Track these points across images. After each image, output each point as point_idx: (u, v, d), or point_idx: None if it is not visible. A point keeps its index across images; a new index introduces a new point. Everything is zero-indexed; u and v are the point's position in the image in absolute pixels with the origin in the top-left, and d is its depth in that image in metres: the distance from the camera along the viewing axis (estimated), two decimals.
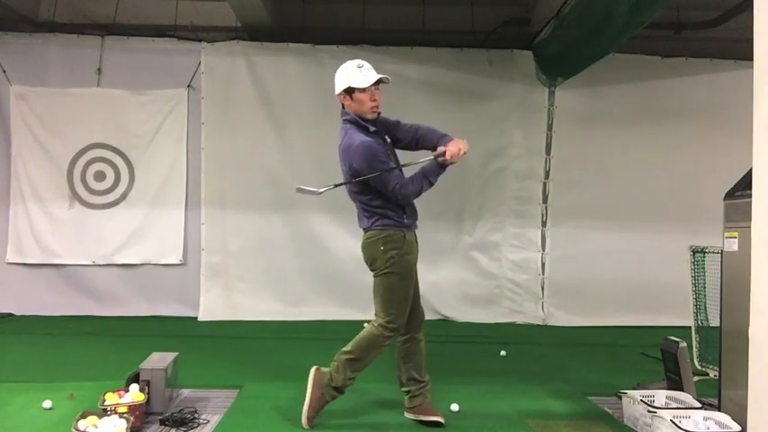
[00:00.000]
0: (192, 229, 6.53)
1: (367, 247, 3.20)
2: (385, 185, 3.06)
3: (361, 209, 3.22)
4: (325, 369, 3.17)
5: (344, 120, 3.20)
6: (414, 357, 3.28)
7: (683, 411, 3.00)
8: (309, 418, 3.08)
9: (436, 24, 6.55)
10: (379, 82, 3.11)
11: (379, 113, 3.20)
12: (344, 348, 3.18)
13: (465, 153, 3.07)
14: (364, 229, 3.23)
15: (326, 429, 3.13)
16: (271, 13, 6.19)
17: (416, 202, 3.31)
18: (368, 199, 3.15)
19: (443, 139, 3.16)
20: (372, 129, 3.15)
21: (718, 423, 2.91)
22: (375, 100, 3.11)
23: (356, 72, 3.10)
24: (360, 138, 3.07)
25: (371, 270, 3.22)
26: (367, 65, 3.14)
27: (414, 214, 3.28)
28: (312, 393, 3.11)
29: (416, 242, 3.31)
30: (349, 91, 3.11)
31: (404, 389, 3.30)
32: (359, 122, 3.13)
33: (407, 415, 3.28)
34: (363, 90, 3.08)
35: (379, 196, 3.12)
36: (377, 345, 3.14)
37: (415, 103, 6.44)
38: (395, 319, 3.12)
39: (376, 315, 3.19)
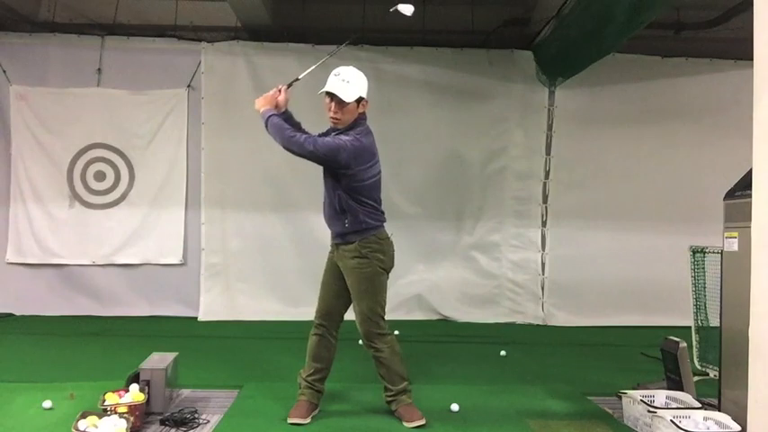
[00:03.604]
0: (192, 229, 6.52)
1: None
2: None
3: None
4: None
5: None
6: (378, 368, 3.31)
7: (683, 411, 3.00)
8: None
9: (436, 24, 6.54)
10: (329, 94, 3.16)
11: (338, 129, 3.24)
12: None
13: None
14: None
15: (325, 428, 3.13)
16: (271, 13, 6.19)
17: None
18: None
19: None
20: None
21: (718, 423, 2.91)
22: (329, 110, 3.20)
23: (329, 78, 3.21)
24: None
25: None
26: (345, 74, 3.18)
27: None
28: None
29: (332, 247, 3.44)
30: None
31: None
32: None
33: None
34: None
35: None
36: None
37: (415, 103, 6.45)
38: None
39: None
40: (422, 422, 3.15)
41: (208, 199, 6.48)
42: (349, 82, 3.14)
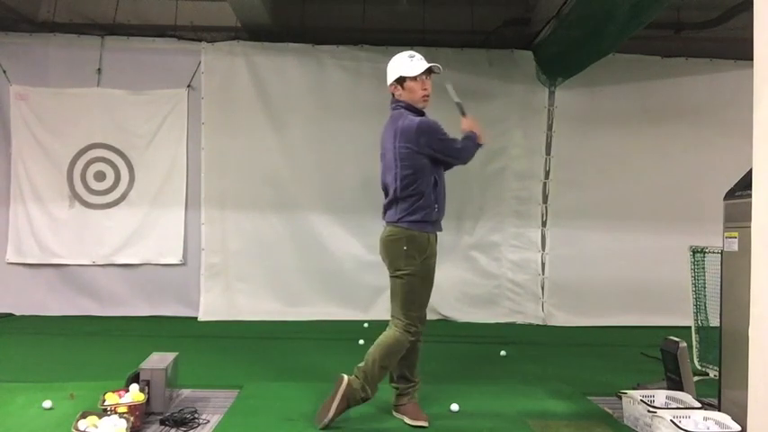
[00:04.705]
0: (192, 229, 6.52)
1: (388, 245, 3.16)
2: (451, 150, 3.20)
3: (393, 197, 3.15)
4: (355, 382, 3.09)
5: (396, 105, 3.26)
6: (410, 356, 3.27)
7: (683, 411, 3.00)
8: (327, 424, 3.03)
9: (436, 24, 6.54)
10: (429, 71, 3.21)
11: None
12: (370, 358, 3.11)
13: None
14: (389, 222, 3.18)
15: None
16: (271, 13, 6.19)
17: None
18: (407, 183, 3.10)
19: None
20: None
21: (718, 423, 2.91)
22: (426, 89, 3.21)
23: (407, 62, 3.22)
24: (420, 117, 3.20)
25: (389, 269, 3.18)
26: (418, 55, 3.25)
27: (442, 212, 3.25)
28: (338, 405, 3.03)
29: (435, 240, 3.28)
30: (400, 80, 3.19)
31: (393, 384, 3.32)
32: (411, 107, 3.22)
33: (394, 413, 3.29)
34: (414, 79, 3.17)
35: (420, 185, 3.10)
36: (401, 349, 3.12)
37: None
38: (415, 322, 3.11)
39: (394, 317, 3.16)
40: (425, 424, 3.15)
41: (208, 199, 6.48)
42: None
